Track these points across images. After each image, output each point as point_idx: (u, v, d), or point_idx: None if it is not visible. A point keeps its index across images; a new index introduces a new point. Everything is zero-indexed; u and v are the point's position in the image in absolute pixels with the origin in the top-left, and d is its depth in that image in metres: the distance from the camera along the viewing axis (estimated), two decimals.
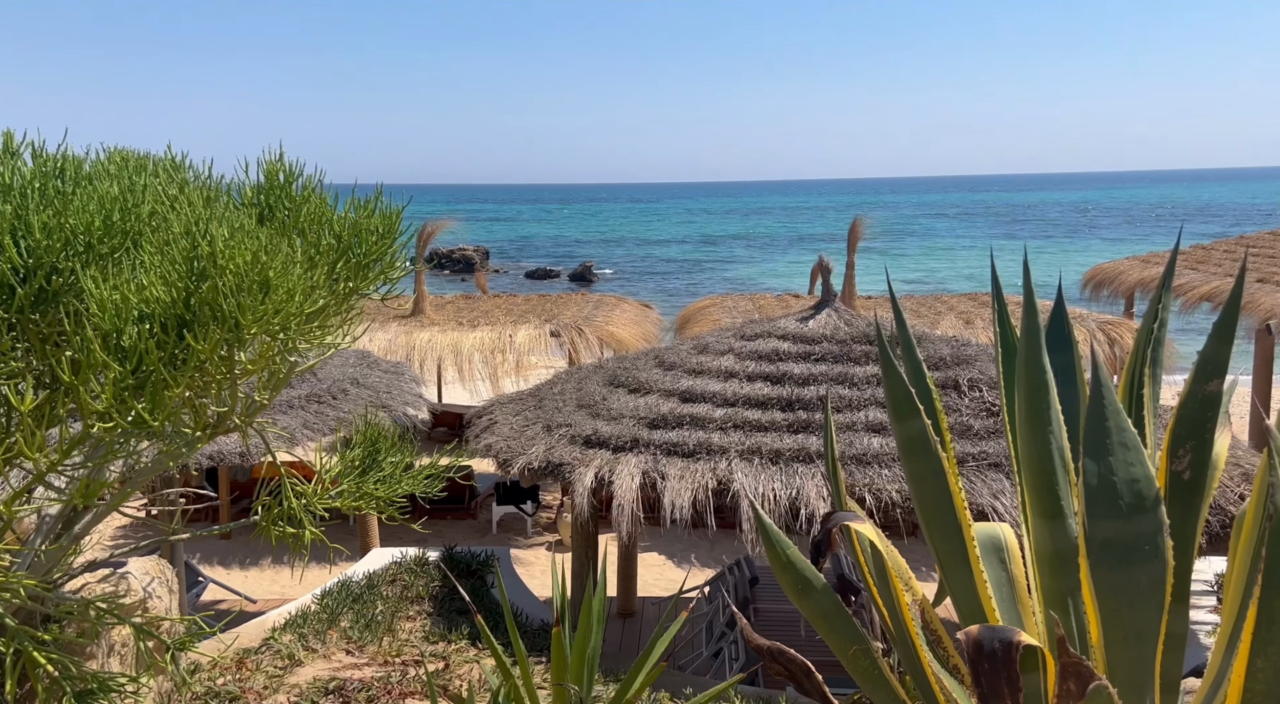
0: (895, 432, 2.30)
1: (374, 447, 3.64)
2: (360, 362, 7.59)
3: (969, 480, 4.88)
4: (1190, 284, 12.90)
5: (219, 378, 2.43)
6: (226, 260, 2.25)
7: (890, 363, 2.25)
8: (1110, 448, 1.90)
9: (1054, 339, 2.56)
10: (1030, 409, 2.17)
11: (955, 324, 11.18)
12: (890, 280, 2.62)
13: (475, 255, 49.25)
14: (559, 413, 5.93)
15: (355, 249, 2.81)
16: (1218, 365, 1.98)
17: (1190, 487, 2.04)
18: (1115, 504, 1.88)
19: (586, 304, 12.84)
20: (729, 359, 6.22)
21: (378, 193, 2.90)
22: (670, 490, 4.99)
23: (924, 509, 2.28)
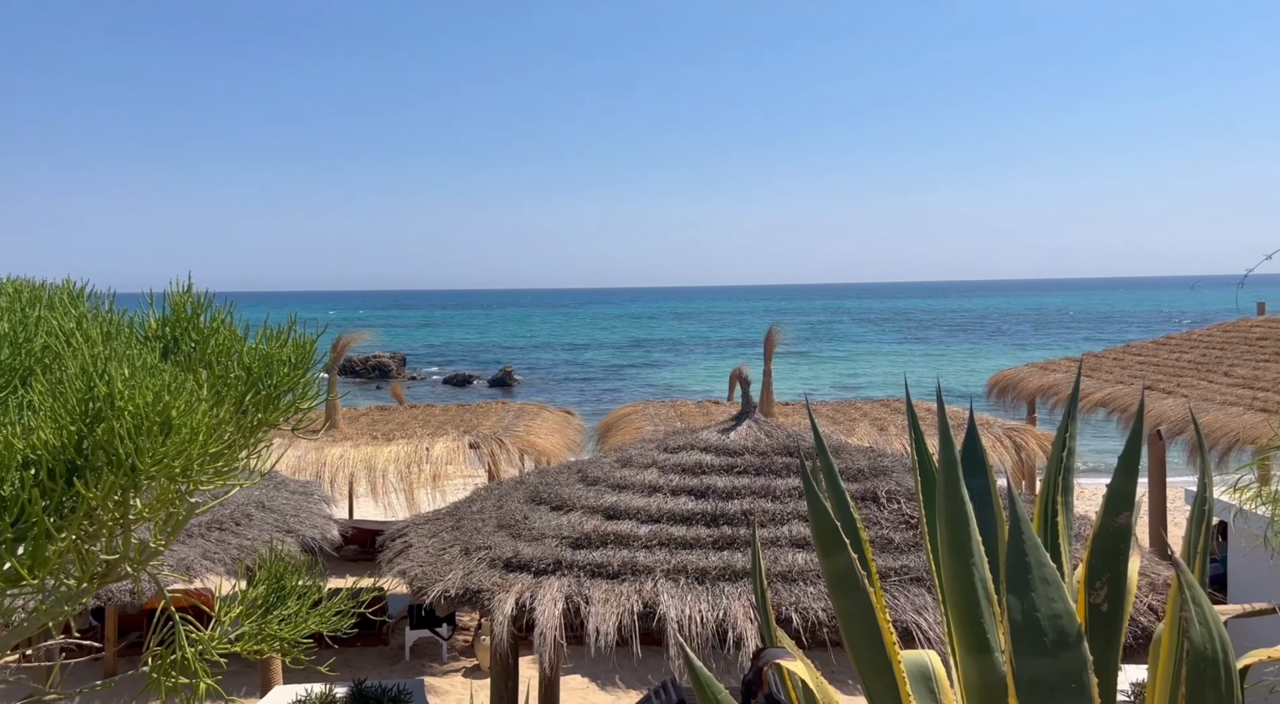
0: (822, 566, 2.28)
1: (279, 582, 3.43)
2: (266, 483, 7.25)
3: (891, 596, 4.88)
4: (1085, 391, 13.58)
5: (110, 525, 2.27)
6: (126, 401, 2.13)
7: (815, 497, 2.26)
8: (1032, 583, 1.92)
9: (969, 464, 2.62)
10: (952, 541, 2.20)
11: (870, 431, 11.44)
12: (811, 412, 2.66)
13: (391, 362, 48.48)
14: (478, 534, 5.73)
15: (265, 381, 2.71)
16: (1125, 498, 2.05)
17: (1109, 619, 2.07)
18: (1040, 641, 1.89)
19: (507, 413, 12.69)
20: (652, 473, 6.17)
21: (291, 322, 2.83)
22: (595, 615, 4.82)
23: (854, 646, 2.25)
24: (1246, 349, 13.20)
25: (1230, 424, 10.32)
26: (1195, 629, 1.81)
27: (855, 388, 42.62)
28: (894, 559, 5.25)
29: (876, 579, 2.24)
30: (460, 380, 48.84)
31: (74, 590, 2.33)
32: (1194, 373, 12.86)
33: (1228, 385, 11.81)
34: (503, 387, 45.30)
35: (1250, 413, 10.45)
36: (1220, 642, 1.81)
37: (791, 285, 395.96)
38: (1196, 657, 1.81)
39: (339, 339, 11.92)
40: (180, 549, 5.77)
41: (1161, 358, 14.24)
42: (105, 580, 2.54)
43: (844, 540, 2.18)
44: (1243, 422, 10.26)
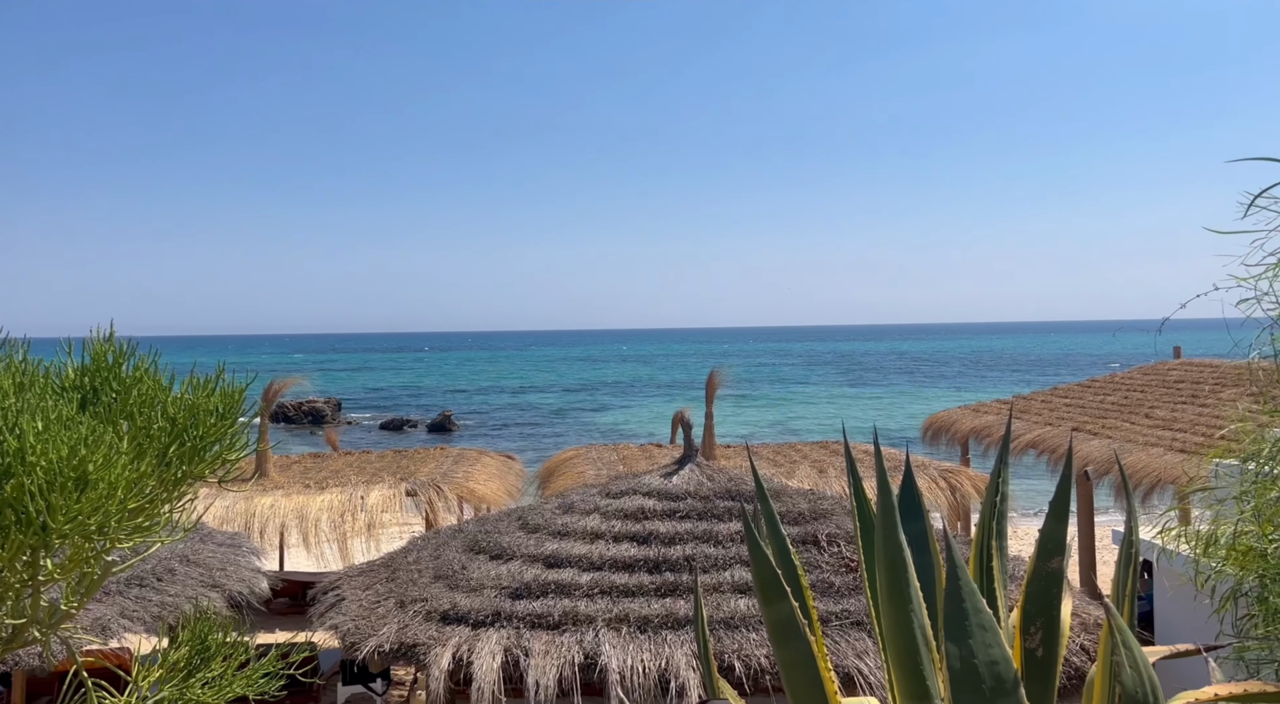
0: (764, 614, 2.27)
1: (202, 644, 3.27)
2: (191, 536, 6.95)
3: (832, 640, 4.88)
4: (1016, 433, 13.95)
5: (17, 587, 2.13)
6: (38, 456, 2.03)
7: (757, 544, 2.25)
8: (970, 630, 1.94)
9: (906, 508, 2.65)
10: (891, 588, 2.21)
11: (810, 473, 11.53)
12: (754, 460, 2.67)
13: (326, 407, 47.36)
14: (413, 585, 5.57)
15: (191, 432, 2.61)
16: (1057, 543, 2.09)
17: (1044, 663, 2.09)
18: (979, 689, 1.90)
19: (445, 459, 12.45)
20: (594, 519, 6.11)
21: (220, 371, 2.75)
22: (535, 668, 4.71)
23: (795, 695, 2.23)
24: (1165, 391, 13.76)
25: (1152, 464, 10.69)
26: (1126, 673, 1.84)
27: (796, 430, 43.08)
28: (835, 603, 5.26)
29: (818, 627, 2.24)
30: (398, 425, 47.90)
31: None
32: (1118, 415, 13.33)
33: (1149, 426, 12.26)
34: (442, 431, 44.56)
35: (1170, 453, 10.85)
36: (1150, 685, 1.84)
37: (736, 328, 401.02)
38: (1128, 700, 1.84)
39: (271, 385, 11.60)
40: (96, 608, 5.47)
41: (1087, 400, 14.74)
42: (10, 645, 2.39)
43: (785, 588, 2.17)
44: (1164, 462, 10.64)
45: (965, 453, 15.44)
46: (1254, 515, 3.30)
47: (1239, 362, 3.38)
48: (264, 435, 11.18)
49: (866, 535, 2.61)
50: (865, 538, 2.61)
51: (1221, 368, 13.55)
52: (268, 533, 9.74)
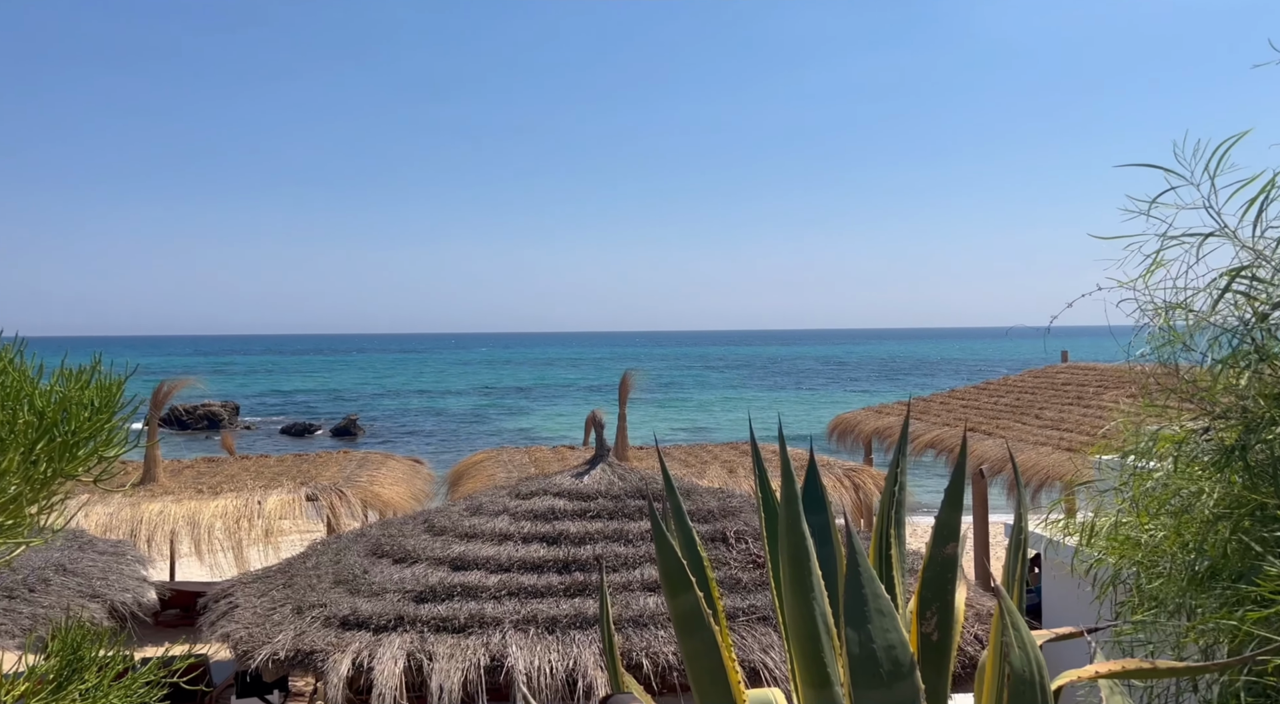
0: (669, 605, 2.26)
1: (75, 654, 3.06)
2: (70, 543, 6.52)
3: (739, 635, 4.93)
4: (915, 433, 14.45)
5: None
6: None
7: (664, 536, 2.25)
8: (869, 616, 1.97)
9: (810, 501, 2.69)
10: (793, 576, 2.23)
11: (720, 473, 11.67)
12: (661, 452, 2.67)
13: (223, 411, 45.44)
14: (312, 591, 5.37)
15: (61, 427, 2.44)
16: (952, 530, 2.15)
17: (939, 647, 2.15)
18: (877, 672, 1.93)
19: (349, 463, 12.08)
20: (503, 520, 6.02)
21: (95, 362, 2.58)
22: (439, 672, 4.60)
23: (699, 685, 2.23)
24: (1054, 393, 14.49)
25: (1041, 463, 11.23)
26: (1015, 653, 1.90)
27: (710, 432, 43.57)
28: (742, 599, 5.32)
29: (723, 619, 2.24)
30: (300, 430, 46.31)
31: None
32: (1010, 415, 13.96)
33: (1039, 427, 12.88)
34: (347, 436, 43.28)
35: (1058, 452, 11.42)
36: (1036, 664, 1.91)
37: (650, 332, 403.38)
38: (1016, 679, 1.90)
39: (161, 386, 11.03)
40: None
41: (982, 402, 15.39)
42: None
43: (690, 580, 2.17)
44: (1052, 460, 11.19)
45: (868, 453, 15.90)
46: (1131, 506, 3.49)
47: (1121, 365, 3.57)
48: (153, 438, 10.62)
49: (771, 527, 2.63)
50: (770, 529, 2.64)
51: (1105, 371, 14.35)
52: (156, 541, 9.25)
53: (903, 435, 2.48)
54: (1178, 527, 3.11)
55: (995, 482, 12.31)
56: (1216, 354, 2.88)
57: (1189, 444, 3.00)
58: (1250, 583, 2.42)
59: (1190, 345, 2.97)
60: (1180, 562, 3.09)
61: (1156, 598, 3.24)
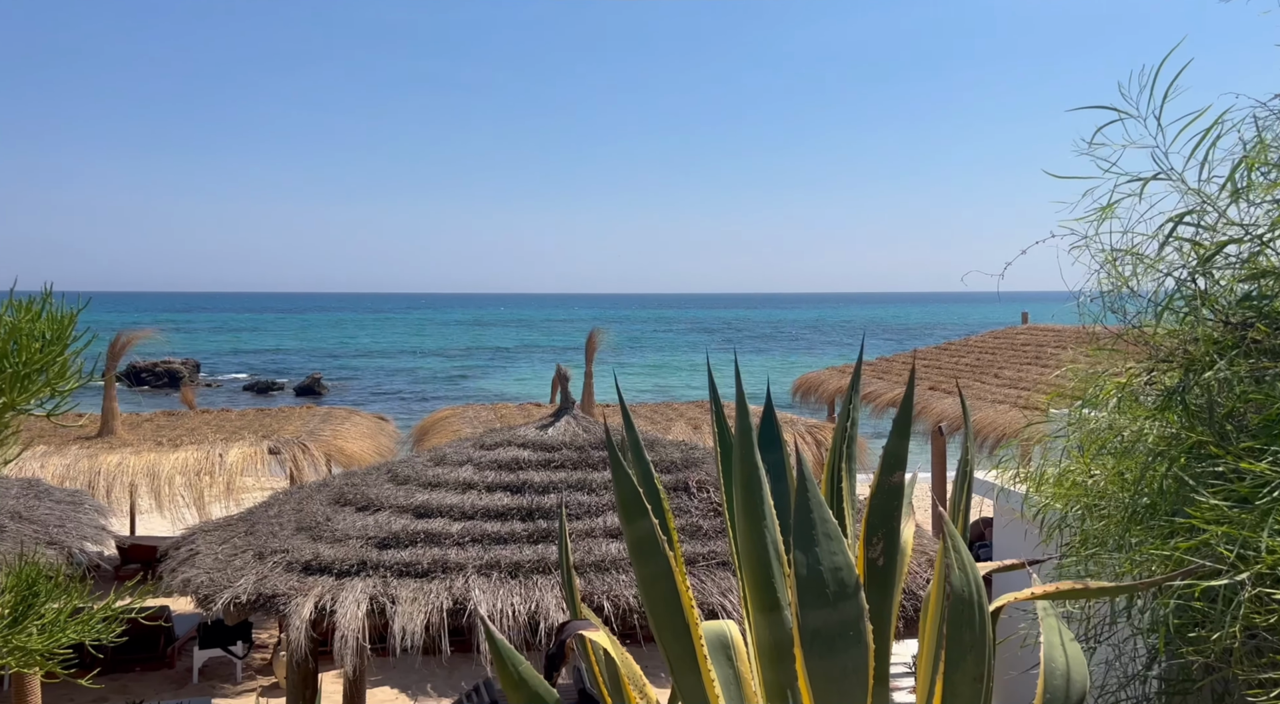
0: (625, 533, 2.31)
1: (30, 590, 3.05)
2: (25, 492, 6.43)
3: (699, 580, 5.03)
4: (877, 391, 14.67)
5: None
6: None
7: (620, 465, 2.28)
8: (816, 538, 2.03)
9: (765, 440, 2.74)
10: (746, 505, 2.29)
11: (685, 430, 11.77)
12: (619, 386, 2.70)
13: (183, 368, 44.74)
14: (274, 538, 5.37)
15: (12, 357, 2.40)
16: (899, 459, 2.21)
17: (884, 573, 2.22)
18: (823, 592, 2.00)
19: (312, 418, 12.01)
20: (467, 470, 6.04)
21: (46, 293, 2.54)
22: (401, 615, 4.64)
23: (654, 611, 2.29)
24: (1013, 354, 14.75)
25: (999, 420, 11.48)
26: (955, 574, 1.98)
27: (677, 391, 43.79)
28: (702, 545, 5.41)
29: (678, 545, 2.29)
30: (262, 387, 45.81)
31: None
32: (970, 375, 14.21)
33: (998, 386, 13.14)
34: (310, 395, 42.86)
35: (1015, 410, 11.67)
36: (975, 586, 1.99)
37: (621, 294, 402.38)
38: (955, 599, 1.97)
39: (118, 338, 10.84)
40: None
41: (943, 361, 15.63)
42: None
43: (645, 507, 2.21)
44: (1009, 417, 11.44)
45: (831, 411, 16.11)
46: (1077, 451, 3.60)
47: (1079, 326, 3.65)
48: (110, 390, 10.46)
49: (726, 460, 2.68)
50: (725, 463, 2.69)
51: (1063, 331, 14.63)
52: (115, 493, 9.16)
53: (856, 369, 2.53)
54: (1118, 467, 3.22)
55: (954, 439, 12.57)
56: (1161, 299, 2.97)
57: (1131, 386, 3.10)
58: (1184, 516, 2.52)
59: (1136, 290, 3.05)
60: (1119, 501, 3.20)
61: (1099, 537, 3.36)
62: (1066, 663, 2.40)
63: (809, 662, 2.00)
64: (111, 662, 8.80)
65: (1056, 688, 2.39)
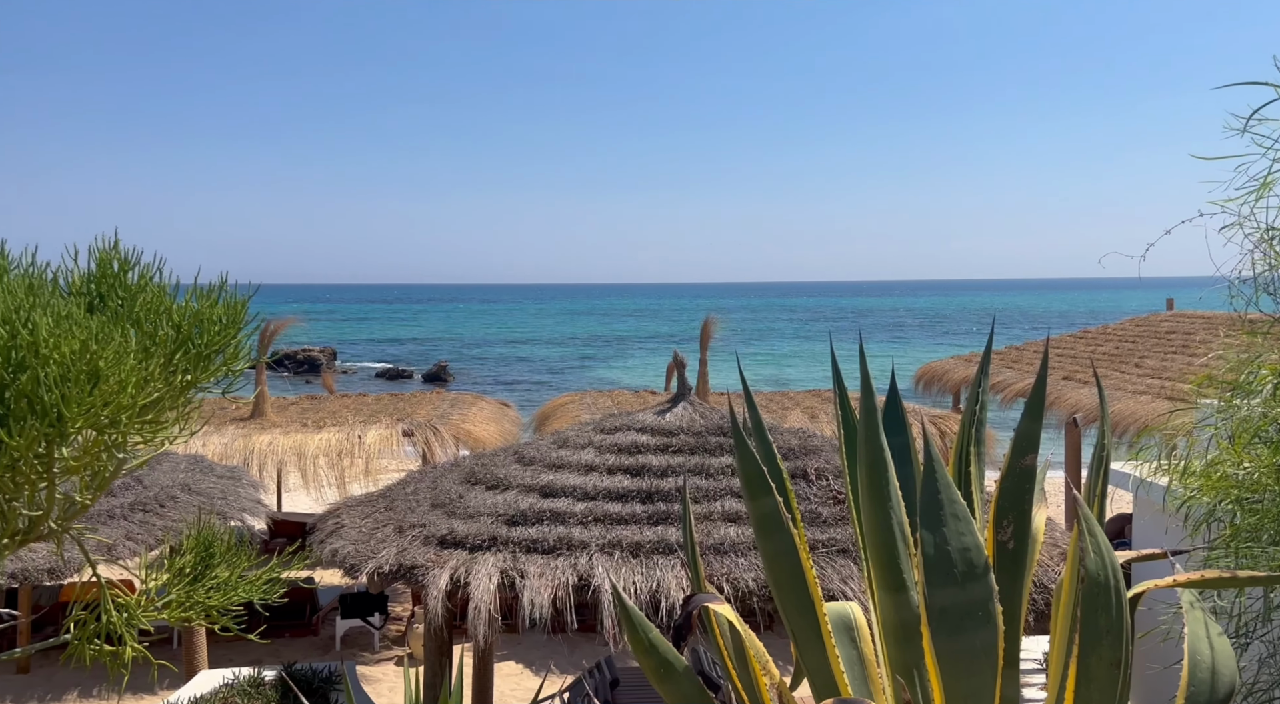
0: (749, 510, 2.37)
1: (207, 552, 3.38)
2: (192, 467, 7.06)
3: (819, 567, 5.03)
4: (1006, 381, 14.10)
5: (33, 478, 2.22)
6: (51, 349, 2.10)
7: (743, 442, 2.35)
8: (944, 519, 2.04)
9: (890, 422, 2.74)
10: (871, 485, 2.31)
11: (801, 418, 11.68)
12: (741, 367, 2.76)
13: (321, 356, 47.46)
14: (412, 513, 5.71)
15: (196, 339, 2.68)
16: (1031, 441, 2.19)
17: (1014, 556, 2.20)
18: (951, 573, 2.01)
19: (442, 402, 12.58)
20: (589, 453, 6.23)
21: (222, 281, 2.81)
22: (530, 589, 4.86)
23: (778, 586, 2.35)
24: (1156, 342, 13.88)
25: (1140, 411, 10.85)
26: (1089, 557, 1.95)
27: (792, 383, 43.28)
28: (822, 532, 5.41)
29: (800, 522, 2.34)
30: (394, 375, 48.08)
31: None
32: (1108, 364, 13.47)
33: (1139, 376, 12.41)
34: (437, 381, 44.70)
35: (1159, 401, 11.00)
36: (1111, 569, 1.95)
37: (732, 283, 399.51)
38: (1090, 583, 1.94)
39: (266, 326, 11.64)
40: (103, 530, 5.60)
41: (1079, 350, 14.87)
42: (27, 538, 2.48)
43: (770, 484, 2.27)
44: (1151, 409, 10.80)
45: (957, 401, 15.61)
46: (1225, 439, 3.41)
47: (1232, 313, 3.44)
48: (260, 375, 11.27)
49: (850, 445, 2.70)
50: (849, 449, 2.71)
51: (1214, 318, 13.66)
52: (265, 471, 9.89)
53: (985, 352, 2.50)
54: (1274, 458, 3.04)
55: (1089, 431, 11.96)
56: None
57: None
58: None
59: None
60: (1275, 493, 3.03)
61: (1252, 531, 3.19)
62: (1213, 657, 2.32)
63: (936, 641, 2.01)
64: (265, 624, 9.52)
65: (1201, 682, 2.30)
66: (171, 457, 7.33)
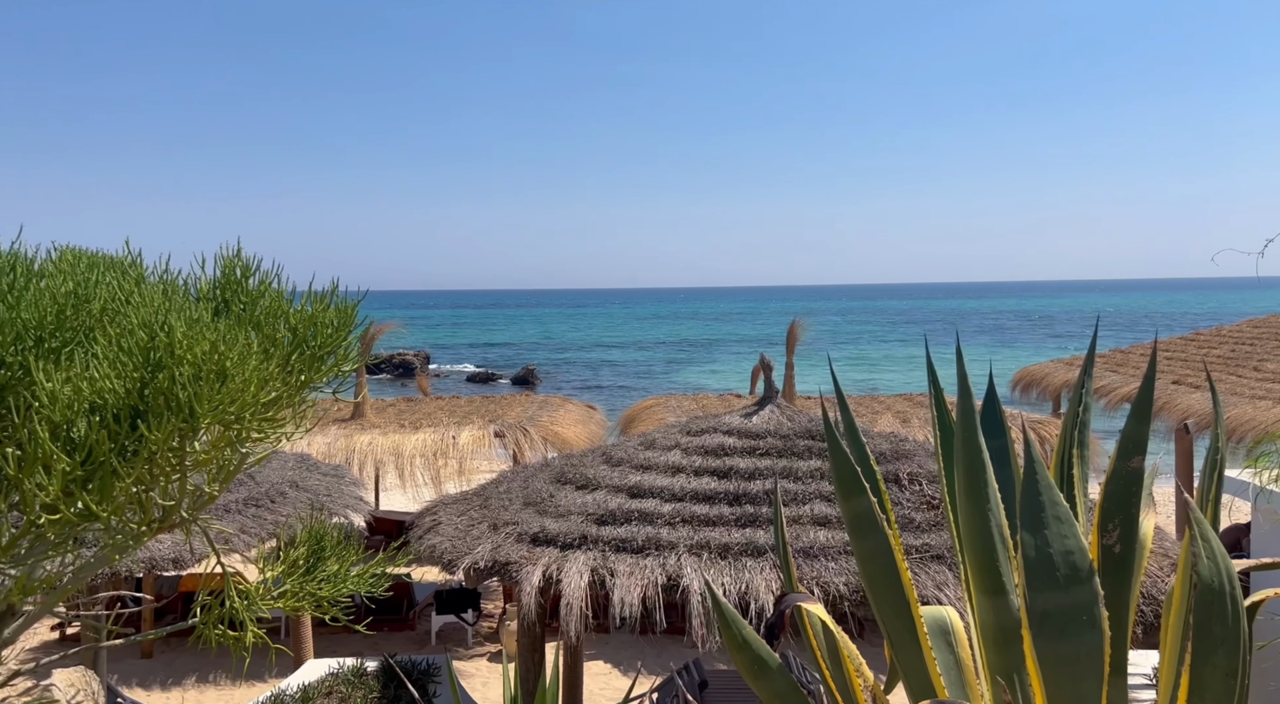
0: (843, 510, 2.37)
1: (319, 545, 3.57)
2: (299, 465, 7.44)
3: (914, 572, 4.93)
4: (1111, 385, 13.50)
5: (168, 470, 2.40)
6: (184, 351, 2.27)
7: (836, 442, 2.35)
8: (1045, 521, 2.00)
9: (988, 425, 2.70)
10: (969, 487, 2.28)
11: (893, 423, 11.45)
12: (833, 368, 2.76)
13: (415, 359, 48.94)
14: (505, 511, 5.86)
15: (310, 341, 2.84)
16: (1138, 443, 2.12)
17: (1121, 560, 2.14)
18: (1053, 576, 1.97)
19: (531, 405, 12.83)
20: (676, 454, 6.27)
21: (334, 287, 2.97)
22: (620, 587, 4.93)
23: (873, 587, 2.34)
24: (1277, 344, 13.06)
25: (1258, 417, 10.23)
26: (1203, 563, 1.88)
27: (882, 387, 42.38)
28: (915, 538, 5.30)
29: (894, 523, 2.33)
30: (483, 378, 49.22)
31: (135, 531, 2.46)
32: (1223, 367, 12.75)
33: (1257, 380, 11.70)
34: (525, 385, 45.54)
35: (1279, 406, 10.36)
36: (1227, 575, 1.88)
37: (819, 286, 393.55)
38: (1204, 589, 1.88)
39: (368, 329, 12.10)
40: (219, 523, 5.95)
41: (1190, 353, 14.12)
42: (162, 526, 2.68)
43: (864, 484, 2.27)
44: (1271, 414, 10.17)
45: (1057, 407, 15.02)
46: None
47: None
48: (361, 378, 11.73)
49: (947, 447, 2.67)
50: (946, 451, 2.68)
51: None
52: (366, 469, 10.28)
53: (1090, 351, 2.43)
54: None
55: (1202, 438, 11.34)
56: None
57: None
58: None
59: None
60: None
61: None
62: None
63: (1038, 645, 1.98)
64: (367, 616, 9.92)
65: None
66: (281, 455, 7.73)
